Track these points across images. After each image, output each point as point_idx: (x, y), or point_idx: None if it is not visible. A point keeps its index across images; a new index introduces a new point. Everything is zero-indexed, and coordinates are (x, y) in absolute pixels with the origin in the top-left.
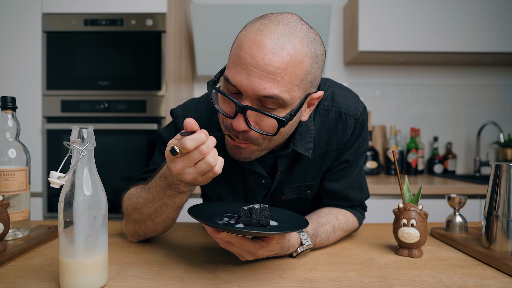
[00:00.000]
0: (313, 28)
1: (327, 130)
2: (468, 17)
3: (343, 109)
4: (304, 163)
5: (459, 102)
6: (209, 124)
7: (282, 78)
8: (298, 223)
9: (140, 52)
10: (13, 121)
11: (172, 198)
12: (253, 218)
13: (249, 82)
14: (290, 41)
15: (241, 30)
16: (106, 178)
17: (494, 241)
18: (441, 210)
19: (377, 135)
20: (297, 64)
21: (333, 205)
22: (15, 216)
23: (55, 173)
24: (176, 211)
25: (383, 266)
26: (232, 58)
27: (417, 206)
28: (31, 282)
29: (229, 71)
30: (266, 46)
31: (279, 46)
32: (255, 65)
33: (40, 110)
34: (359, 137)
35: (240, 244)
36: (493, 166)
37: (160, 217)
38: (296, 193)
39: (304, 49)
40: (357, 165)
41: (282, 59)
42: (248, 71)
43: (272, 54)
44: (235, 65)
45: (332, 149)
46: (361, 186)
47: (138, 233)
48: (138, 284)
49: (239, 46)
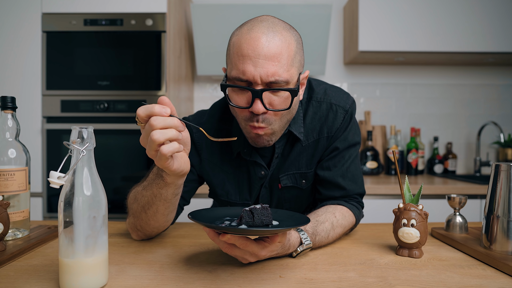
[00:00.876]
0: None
1: (319, 120)
2: (468, 17)
3: (334, 101)
4: (298, 150)
5: (459, 102)
6: (219, 127)
7: (280, 60)
8: (300, 220)
9: (140, 52)
10: (13, 121)
11: (160, 188)
12: (256, 219)
13: (257, 70)
14: (276, 31)
15: (230, 38)
16: (106, 178)
17: (494, 241)
18: (441, 210)
19: (377, 135)
20: (288, 46)
21: (328, 196)
22: (15, 216)
23: (55, 173)
24: (164, 205)
25: (383, 266)
26: (235, 59)
27: (417, 206)
28: (31, 282)
29: (236, 70)
30: (261, 39)
31: (271, 36)
32: (258, 55)
33: (40, 110)
34: (347, 127)
35: (244, 245)
36: (493, 166)
37: (151, 208)
38: (291, 181)
39: (288, 35)
40: (349, 157)
41: (277, 44)
42: (254, 63)
43: (268, 43)
44: (241, 61)
45: (323, 137)
46: (355, 179)
47: (136, 227)
48: (138, 284)
49: (238, 47)
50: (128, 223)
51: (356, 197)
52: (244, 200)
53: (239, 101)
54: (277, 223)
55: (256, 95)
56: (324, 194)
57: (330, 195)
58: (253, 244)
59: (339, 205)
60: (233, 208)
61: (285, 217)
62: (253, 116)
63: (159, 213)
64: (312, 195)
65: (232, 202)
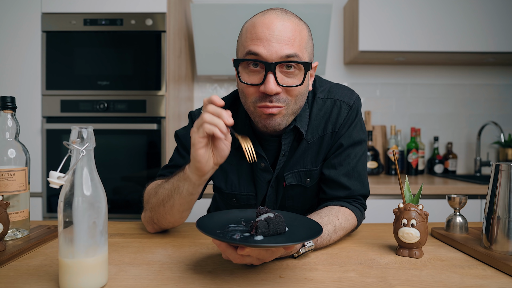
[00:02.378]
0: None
1: (323, 116)
2: (469, 17)
3: (338, 97)
4: (303, 148)
5: (459, 102)
6: None
7: (294, 41)
8: (313, 228)
9: (140, 52)
10: (12, 121)
11: (179, 181)
12: (271, 228)
13: (271, 47)
14: (289, 16)
15: (242, 28)
16: (106, 178)
17: (494, 241)
18: (442, 210)
19: (377, 135)
20: (301, 30)
21: (332, 196)
22: (14, 216)
23: (55, 173)
24: (179, 200)
25: (383, 266)
26: (248, 41)
27: (417, 206)
28: (31, 282)
29: (250, 48)
30: (275, 20)
31: (285, 19)
32: (272, 34)
33: (40, 110)
34: (352, 123)
35: (257, 254)
36: (493, 166)
37: (168, 202)
38: (296, 179)
39: (301, 22)
40: (355, 156)
41: (290, 26)
42: (268, 41)
43: (281, 25)
44: (254, 42)
45: (328, 133)
46: (362, 179)
47: (153, 220)
48: (138, 284)
49: (251, 29)
50: (144, 217)
51: (359, 198)
52: (249, 192)
53: (251, 81)
54: (287, 229)
55: (269, 69)
56: (328, 194)
57: (334, 195)
58: (262, 251)
59: (342, 207)
60: (232, 212)
61: (291, 221)
62: (266, 97)
63: (175, 208)
64: (317, 196)
65: (236, 193)
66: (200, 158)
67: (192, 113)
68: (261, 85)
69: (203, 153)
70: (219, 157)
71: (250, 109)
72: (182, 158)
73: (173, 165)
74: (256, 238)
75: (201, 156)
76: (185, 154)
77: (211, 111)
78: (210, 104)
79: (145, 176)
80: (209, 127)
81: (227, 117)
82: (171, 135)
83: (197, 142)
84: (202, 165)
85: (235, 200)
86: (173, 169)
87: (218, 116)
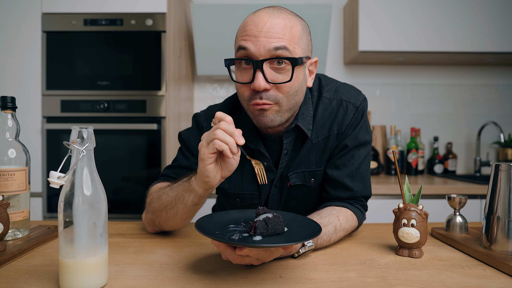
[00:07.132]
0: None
1: (328, 116)
2: (469, 17)
3: (345, 98)
4: (308, 148)
5: (459, 102)
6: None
7: (283, 35)
8: (312, 228)
9: (140, 52)
10: (12, 121)
11: (184, 191)
12: (270, 228)
13: (259, 42)
14: (280, 13)
15: (239, 27)
16: (106, 178)
17: (494, 241)
18: (442, 210)
19: (377, 135)
20: (292, 26)
21: (335, 196)
22: (14, 216)
23: (55, 173)
24: (183, 210)
25: (383, 266)
26: (238, 39)
27: (417, 206)
28: (31, 282)
29: (239, 43)
30: (264, 17)
31: (275, 16)
32: (260, 30)
33: (40, 110)
34: (358, 124)
35: (256, 254)
36: (493, 166)
37: (172, 210)
38: (300, 179)
39: (293, 18)
40: (359, 157)
41: (280, 22)
42: (256, 36)
43: (270, 21)
44: (244, 37)
45: (333, 134)
46: (364, 180)
47: (154, 223)
48: (138, 284)
49: (243, 26)
50: (145, 218)
51: (361, 200)
52: (252, 191)
53: (242, 79)
54: (286, 229)
55: (257, 66)
56: (331, 194)
57: (337, 196)
58: (261, 251)
59: (343, 208)
60: (232, 212)
61: (291, 221)
62: (256, 94)
63: (178, 216)
64: (321, 195)
65: (240, 193)
66: (209, 173)
67: (197, 115)
68: (252, 82)
69: (211, 168)
70: (227, 171)
71: (245, 107)
72: (187, 159)
73: (177, 166)
74: (254, 238)
75: (209, 171)
76: (189, 156)
77: (223, 128)
78: (224, 121)
79: (145, 176)
80: (220, 144)
81: (239, 136)
82: (171, 135)
83: (207, 158)
84: (211, 180)
85: (239, 200)
86: (177, 170)
87: (230, 135)
